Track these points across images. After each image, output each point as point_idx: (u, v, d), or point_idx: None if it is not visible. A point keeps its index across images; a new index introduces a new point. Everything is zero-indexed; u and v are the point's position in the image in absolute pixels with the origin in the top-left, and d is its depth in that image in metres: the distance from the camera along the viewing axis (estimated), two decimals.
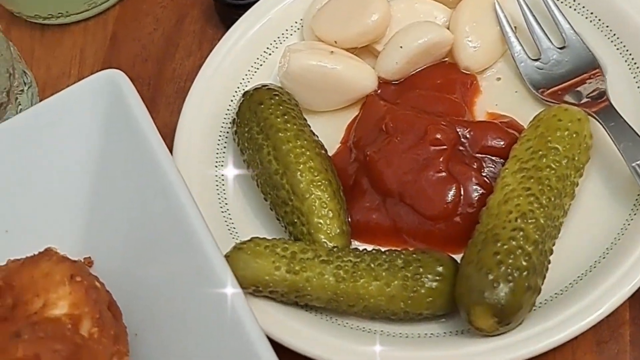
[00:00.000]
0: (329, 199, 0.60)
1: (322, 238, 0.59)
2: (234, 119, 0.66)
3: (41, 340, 0.47)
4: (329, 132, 0.67)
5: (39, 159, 0.60)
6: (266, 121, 0.63)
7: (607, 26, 0.66)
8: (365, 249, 0.58)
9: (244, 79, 0.70)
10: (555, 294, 0.56)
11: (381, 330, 0.57)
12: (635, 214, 0.58)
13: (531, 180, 0.56)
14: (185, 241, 0.52)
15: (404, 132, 0.62)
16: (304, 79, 0.66)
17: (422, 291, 0.55)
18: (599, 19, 0.67)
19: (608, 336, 0.56)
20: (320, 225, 0.59)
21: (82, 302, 0.51)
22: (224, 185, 0.66)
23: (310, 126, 0.65)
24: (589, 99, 0.62)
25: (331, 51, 0.67)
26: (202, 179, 0.65)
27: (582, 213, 0.59)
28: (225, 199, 0.65)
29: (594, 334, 0.56)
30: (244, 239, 0.59)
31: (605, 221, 0.59)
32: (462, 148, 0.62)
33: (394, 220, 0.61)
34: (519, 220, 0.54)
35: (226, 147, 0.67)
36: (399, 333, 0.56)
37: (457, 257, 0.57)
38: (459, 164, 0.61)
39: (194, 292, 0.52)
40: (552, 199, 0.55)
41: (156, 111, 0.74)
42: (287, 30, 0.72)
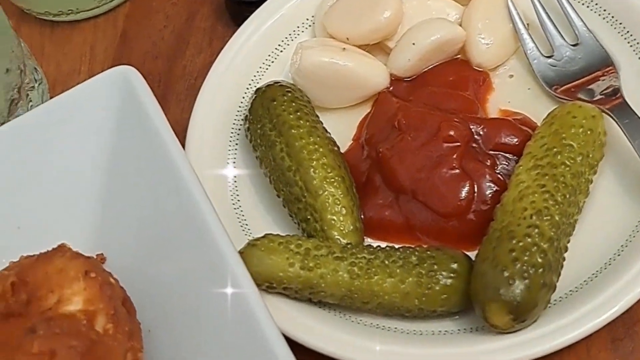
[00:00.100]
0: (342, 195, 0.60)
1: (335, 235, 0.59)
2: (246, 115, 0.66)
3: (57, 336, 0.47)
4: (340, 129, 0.67)
5: (51, 155, 0.60)
6: (279, 118, 0.63)
7: (620, 23, 0.66)
8: (379, 246, 0.58)
9: (255, 76, 0.70)
10: (570, 291, 0.56)
11: (395, 328, 0.57)
12: None
13: (546, 177, 0.55)
14: (199, 237, 0.52)
15: (416, 129, 0.62)
16: (316, 75, 0.66)
17: (437, 288, 0.55)
18: (612, 16, 0.67)
19: (623, 334, 0.56)
20: (333, 222, 0.59)
21: (97, 298, 0.50)
22: (236, 182, 0.66)
23: (323, 123, 0.65)
24: (602, 96, 0.62)
25: (343, 48, 0.67)
26: (214, 176, 0.65)
27: (596, 210, 0.59)
28: (238, 195, 0.65)
29: (608, 331, 0.56)
30: (257, 236, 0.59)
31: (619, 218, 0.59)
32: (475, 145, 0.62)
33: (407, 218, 0.61)
34: (534, 217, 0.53)
35: (238, 144, 0.67)
36: (412, 330, 0.56)
37: (471, 254, 0.57)
38: (472, 161, 0.60)
39: (208, 289, 0.52)
40: (567, 196, 0.55)
41: (167, 108, 0.73)
42: (298, 27, 0.72)
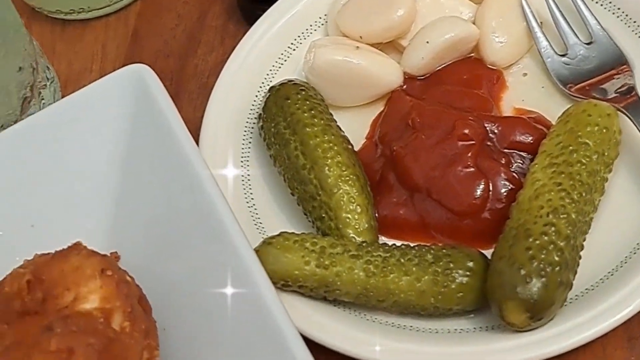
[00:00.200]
0: (357, 193, 0.60)
1: (350, 233, 0.59)
2: (260, 114, 0.66)
3: (74, 334, 0.47)
4: (354, 128, 0.67)
5: (64, 153, 0.59)
6: (293, 116, 0.63)
7: (634, 21, 0.66)
8: (394, 244, 0.58)
9: (268, 75, 0.70)
10: (585, 289, 0.56)
11: (410, 326, 0.56)
12: None
13: (562, 176, 0.55)
14: (214, 236, 0.52)
15: (431, 127, 0.62)
16: (329, 74, 0.66)
17: (453, 286, 0.55)
18: (625, 14, 0.67)
19: (639, 332, 0.56)
20: (348, 220, 0.59)
21: (113, 296, 0.50)
22: (249, 180, 0.66)
23: (336, 121, 0.65)
24: (617, 94, 0.62)
25: (356, 46, 0.67)
26: (228, 174, 0.65)
27: (611, 209, 0.59)
28: (252, 194, 0.65)
29: (624, 330, 0.56)
30: (271, 235, 0.59)
31: (634, 217, 0.59)
32: (489, 143, 0.61)
33: (422, 216, 0.61)
34: (550, 216, 0.53)
35: (251, 142, 0.67)
36: (428, 328, 0.56)
37: (485, 252, 0.57)
38: (487, 159, 0.60)
39: (223, 287, 0.52)
40: (583, 194, 0.55)
41: (179, 107, 0.72)
42: (311, 25, 0.72)
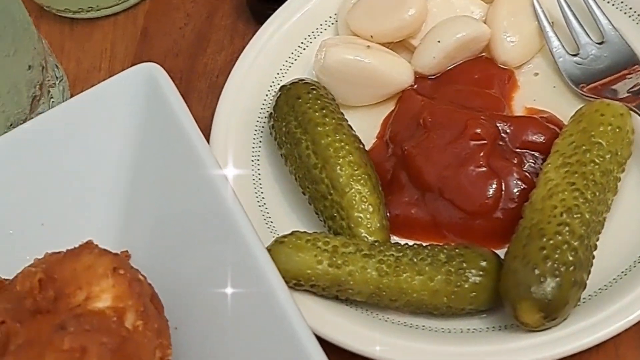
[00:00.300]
0: (368, 193, 0.60)
1: (362, 232, 0.59)
2: (270, 113, 0.65)
3: (87, 333, 0.47)
4: (364, 127, 0.67)
5: (75, 152, 0.59)
6: (304, 115, 0.63)
7: None
8: (407, 244, 0.58)
9: (278, 74, 0.70)
10: (599, 289, 0.56)
11: (423, 326, 0.56)
12: None
13: (575, 175, 0.55)
14: (226, 235, 0.52)
15: (442, 127, 0.62)
16: (340, 73, 0.66)
17: (466, 286, 0.54)
18: (637, 14, 0.66)
19: None
20: (360, 220, 0.59)
21: (126, 295, 0.50)
22: (260, 180, 0.65)
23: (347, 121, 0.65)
24: (629, 94, 0.62)
25: (367, 45, 0.67)
26: (239, 174, 0.65)
27: (624, 209, 0.59)
28: (262, 193, 0.65)
29: (637, 330, 0.55)
30: (282, 234, 0.59)
31: None
32: (501, 143, 0.61)
33: (433, 215, 0.61)
34: (564, 215, 0.53)
35: (262, 141, 0.67)
36: (441, 328, 0.56)
37: (498, 252, 0.57)
38: (499, 159, 0.60)
39: (236, 287, 0.52)
40: (596, 194, 0.55)
41: (188, 106, 0.71)
42: (321, 25, 0.72)
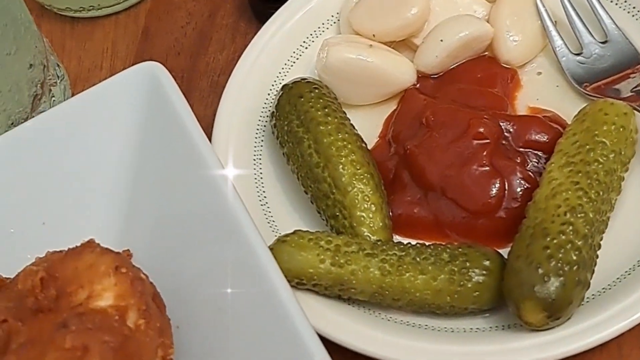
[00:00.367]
0: (371, 192, 0.59)
1: (364, 231, 0.58)
2: (272, 112, 0.65)
3: (89, 331, 0.47)
4: (366, 127, 0.66)
5: (77, 151, 0.59)
6: (306, 114, 0.62)
7: None
8: (410, 243, 0.58)
9: (280, 73, 0.70)
10: (602, 288, 0.55)
11: (425, 325, 0.56)
12: None
13: (579, 174, 0.55)
14: (228, 234, 0.52)
15: (445, 126, 0.62)
16: (342, 72, 0.66)
17: (469, 285, 0.54)
18: None
19: None
20: (362, 219, 0.59)
21: (128, 294, 0.50)
22: (262, 179, 0.65)
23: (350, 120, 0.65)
24: (633, 93, 0.61)
25: (370, 44, 0.67)
26: (241, 173, 0.65)
27: (627, 208, 0.59)
28: (264, 192, 0.65)
29: None
30: (284, 233, 0.59)
31: None
32: (505, 142, 0.61)
33: (436, 215, 0.60)
34: (568, 215, 0.53)
35: (264, 140, 0.67)
36: (443, 327, 0.56)
37: (501, 251, 0.57)
38: (502, 158, 0.60)
39: (238, 285, 0.52)
40: (600, 194, 0.55)
41: (190, 105, 0.71)
42: (323, 24, 0.72)
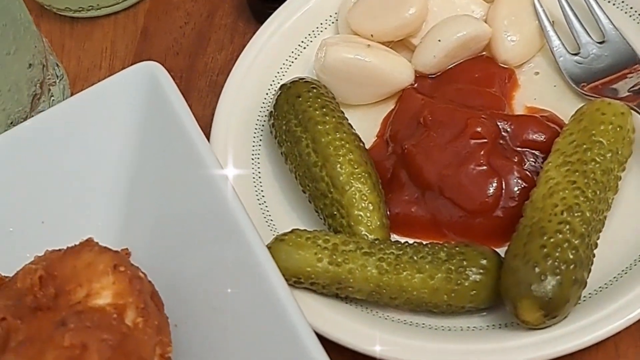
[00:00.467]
0: (369, 191, 0.60)
1: (362, 230, 0.59)
2: (271, 111, 0.65)
3: (88, 330, 0.47)
4: (364, 126, 0.67)
5: (76, 150, 0.59)
6: (304, 114, 0.63)
7: None
8: (407, 242, 0.58)
9: (278, 73, 0.70)
10: (599, 287, 0.56)
11: (423, 323, 0.56)
12: None
13: (576, 174, 0.55)
14: (226, 233, 0.52)
15: (443, 126, 0.62)
16: (340, 72, 0.66)
17: (466, 284, 0.55)
18: (638, 14, 0.66)
19: None
20: (360, 218, 0.59)
21: (126, 292, 0.50)
22: (260, 178, 0.65)
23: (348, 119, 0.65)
24: (630, 93, 0.62)
25: (368, 44, 0.67)
26: (239, 172, 0.65)
27: (624, 207, 0.59)
28: (262, 191, 0.65)
29: (637, 328, 0.55)
30: (282, 232, 0.59)
31: None
32: (502, 142, 0.61)
33: (433, 214, 0.61)
34: (565, 214, 0.53)
35: (262, 140, 0.67)
36: (441, 326, 0.56)
37: (498, 250, 0.57)
38: (500, 157, 0.60)
39: (236, 284, 0.52)
40: (597, 193, 0.55)
41: (188, 105, 0.71)
42: (321, 24, 0.72)
